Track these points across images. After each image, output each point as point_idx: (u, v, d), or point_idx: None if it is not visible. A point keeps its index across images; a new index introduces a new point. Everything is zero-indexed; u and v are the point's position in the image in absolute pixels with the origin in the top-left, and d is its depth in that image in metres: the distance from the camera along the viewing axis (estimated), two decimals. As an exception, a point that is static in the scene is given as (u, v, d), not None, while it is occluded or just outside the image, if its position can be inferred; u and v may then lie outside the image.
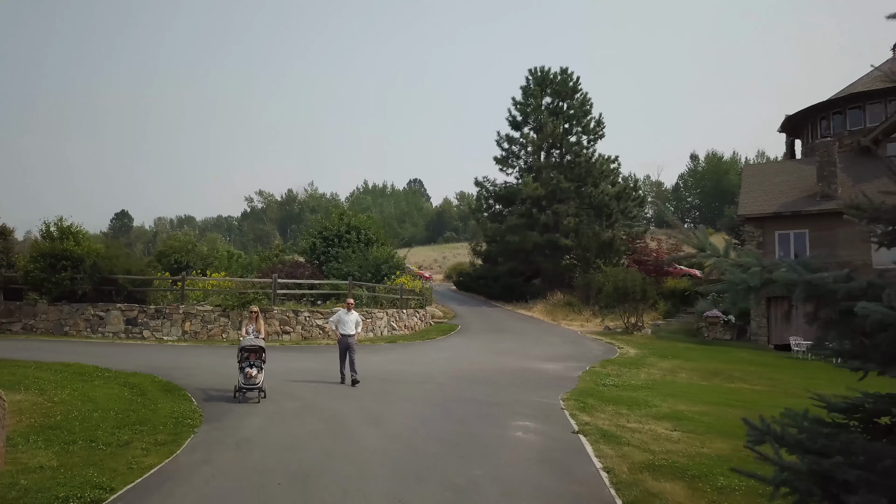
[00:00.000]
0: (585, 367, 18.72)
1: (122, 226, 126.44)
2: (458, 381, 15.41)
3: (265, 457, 8.42)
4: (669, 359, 21.86)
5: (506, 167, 40.67)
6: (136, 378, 13.59)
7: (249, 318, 13.53)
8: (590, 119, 39.61)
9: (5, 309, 22.67)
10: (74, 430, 9.24)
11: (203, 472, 7.72)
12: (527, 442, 9.66)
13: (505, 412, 11.86)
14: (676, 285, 35.62)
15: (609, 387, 15.63)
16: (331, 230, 35.23)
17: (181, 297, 23.51)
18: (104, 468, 7.68)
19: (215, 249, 42.71)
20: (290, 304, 24.39)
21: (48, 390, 11.98)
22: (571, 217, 36.74)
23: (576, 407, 12.69)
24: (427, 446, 9.21)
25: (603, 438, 10.01)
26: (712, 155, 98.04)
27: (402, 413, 11.48)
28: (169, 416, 10.35)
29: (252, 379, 12.01)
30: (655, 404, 13.52)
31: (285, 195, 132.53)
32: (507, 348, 22.94)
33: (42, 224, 23.71)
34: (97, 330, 22.30)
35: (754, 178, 31.36)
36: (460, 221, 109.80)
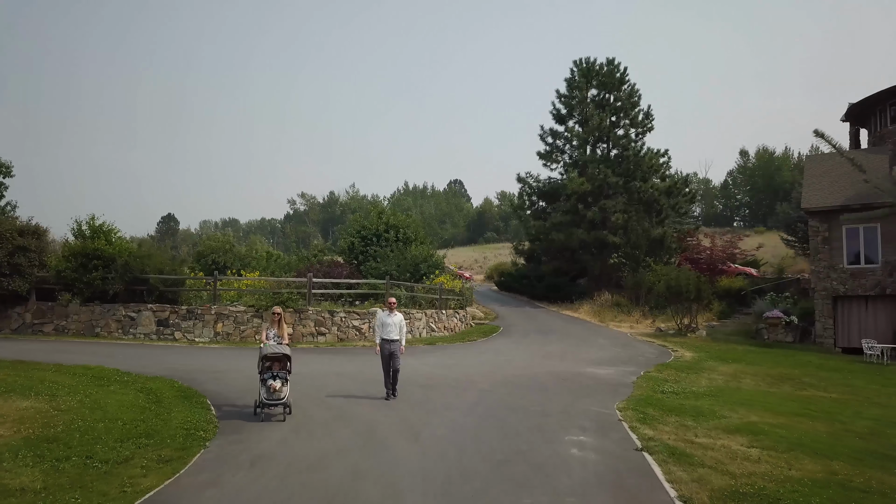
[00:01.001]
0: (640, 372, 17.23)
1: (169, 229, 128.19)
2: (504, 387, 14.09)
3: (283, 478, 7.25)
4: (729, 363, 20.18)
5: (549, 162, 39.08)
6: (156, 383, 12.65)
7: (271, 320, 11.69)
8: (638, 111, 37.79)
9: (38, 310, 22.19)
10: (72, 444, 8.22)
11: (206, 498, 6.58)
12: (584, 461, 8.30)
13: (557, 424, 10.50)
14: (731, 284, 33.61)
15: (668, 394, 14.15)
16: (369, 229, 34.31)
17: (214, 297, 22.74)
18: (93, 492, 6.62)
19: (254, 250, 42.23)
20: (325, 304, 23.40)
21: (59, 396, 11.08)
22: (619, 213, 34.95)
23: (635, 418, 11.29)
24: (471, 466, 7.92)
25: (672, 457, 8.60)
26: (763, 150, 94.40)
27: (443, 425, 10.22)
28: (180, 428, 9.29)
29: (276, 393, 10.29)
30: (724, 415, 12.02)
31: (327, 197, 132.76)
32: (553, 351, 21.52)
33: (74, 223, 23.25)
34: (128, 331, 21.64)
35: (817, 169, 29.25)
36: (501, 221, 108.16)
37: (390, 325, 12.66)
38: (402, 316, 13.03)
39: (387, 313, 12.84)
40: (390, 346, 12.53)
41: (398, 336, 12.69)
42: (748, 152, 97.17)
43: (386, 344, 12.54)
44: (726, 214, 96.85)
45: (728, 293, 33.07)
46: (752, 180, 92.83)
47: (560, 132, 38.99)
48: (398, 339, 12.67)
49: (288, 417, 10.34)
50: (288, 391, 10.49)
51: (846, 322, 25.88)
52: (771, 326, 27.12)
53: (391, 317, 12.76)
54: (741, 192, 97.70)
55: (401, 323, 12.83)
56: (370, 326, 22.84)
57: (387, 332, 12.63)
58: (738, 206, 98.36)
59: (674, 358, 20.88)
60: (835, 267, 26.00)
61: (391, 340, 12.58)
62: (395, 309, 13.00)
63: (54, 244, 24.47)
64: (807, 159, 32.55)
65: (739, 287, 33.33)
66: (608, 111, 37.59)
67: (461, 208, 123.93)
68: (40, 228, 23.39)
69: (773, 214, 76.11)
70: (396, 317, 12.81)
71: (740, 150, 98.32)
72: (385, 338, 12.59)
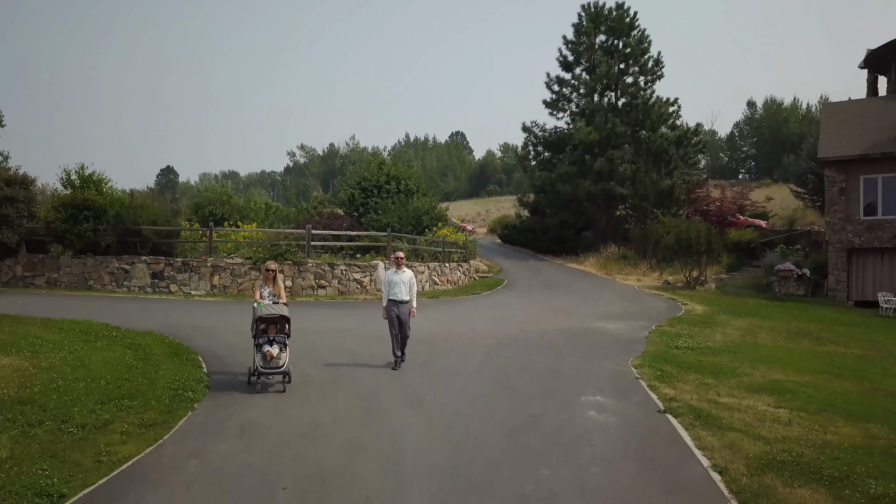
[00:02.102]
0: (651, 327, 16.58)
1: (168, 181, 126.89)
2: (512, 344, 13.41)
3: (274, 450, 6.59)
4: (742, 317, 19.54)
5: (556, 111, 37.76)
6: (145, 339, 11.97)
7: (265, 277, 10.07)
8: (647, 58, 36.31)
9: (28, 262, 21.49)
10: (48, 406, 7.56)
11: (187, 470, 5.92)
12: (605, 426, 7.64)
13: (571, 385, 9.84)
14: (741, 237, 32.80)
15: (684, 350, 13.51)
16: (370, 180, 33.40)
17: (210, 249, 22.00)
18: (65, 461, 5.97)
19: (252, 202, 41.35)
20: (325, 256, 22.68)
21: (41, 353, 10.41)
22: (627, 164, 33.88)
23: (653, 376, 10.65)
24: (480, 435, 7.24)
25: (698, 420, 7.95)
26: (771, 101, 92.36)
27: (448, 388, 9.53)
28: (167, 388, 8.63)
29: (274, 360, 9.04)
30: (745, 372, 11.40)
31: (327, 149, 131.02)
32: (560, 305, 20.86)
33: (63, 172, 22.35)
34: (122, 284, 20.98)
35: (835, 118, 28.12)
36: (504, 174, 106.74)
37: (398, 285, 10.96)
38: (411, 273, 11.26)
39: (393, 270, 11.15)
40: (399, 308, 10.89)
41: (408, 296, 11.00)
42: (756, 103, 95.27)
43: (393, 306, 10.89)
44: (731, 167, 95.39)
45: (737, 246, 32.31)
46: (759, 132, 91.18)
47: (567, 80, 37.67)
48: (408, 301, 10.99)
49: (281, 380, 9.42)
50: (287, 358, 9.21)
51: (860, 275, 25.18)
52: (782, 279, 26.43)
53: (399, 274, 11.05)
54: (747, 145, 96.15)
55: (410, 281, 11.11)
56: (371, 279, 22.17)
57: (394, 292, 10.93)
58: (744, 159, 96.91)
59: (684, 312, 20.23)
60: (850, 219, 25.16)
61: (400, 302, 10.91)
62: (404, 265, 11.28)
63: (44, 195, 23.60)
64: (823, 107, 31.38)
65: (749, 239, 32.55)
66: (617, 58, 36.17)
67: (463, 161, 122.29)
68: (28, 178, 22.52)
69: (780, 167, 74.85)
70: (405, 274, 11.11)
71: (748, 101, 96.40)
72: (393, 299, 10.92)
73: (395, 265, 11.20)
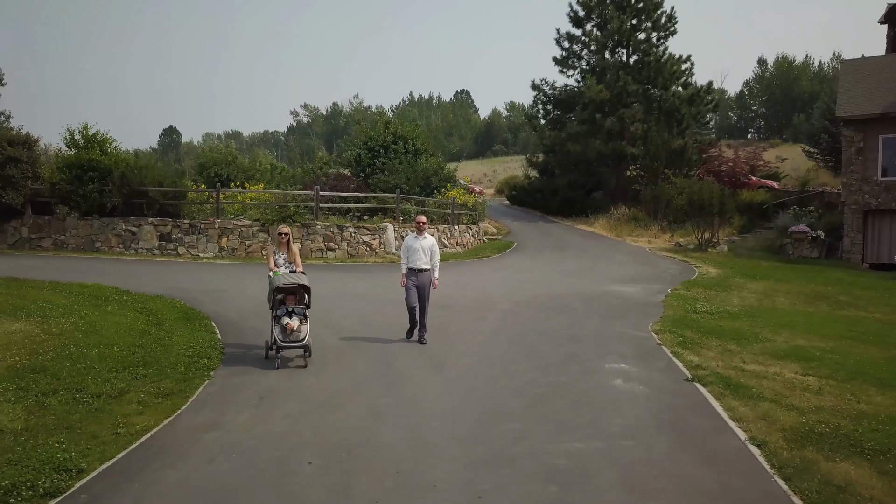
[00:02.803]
0: (667, 290, 16.33)
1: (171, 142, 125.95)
2: (527, 308, 13.20)
3: (294, 420, 6.40)
4: (758, 280, 19.25)
5: (566, 69, 36.83)
6: (156, 303, 11.77)
7: (278, 242, 9.50)
8: (661, 13, 35.25)
9: (34, 224, 21.25)
10: (61, 374, 7.37)
11: (208, 443, 5.74)
12: (632, 395, 7.44)
13: (592, 350, 9.64)
14: (753, 198, 32.28)
15: (702, 314, 13.28)
16: (376, 140, 32.87)
17: (217, 210, 21.71)
18: (81, 433, 5.79)
19: (257, 162, 40.91)
20: (334, 218, 22.38)
21: (51, 318, 10.22)
22: (639, 123, 33.15)
23: (674, 342, 10.42)
24: (504, 403, 7.05)
25: (728, 389, 7.73)
26: (782, 59, 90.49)
27: (467, 353, 9.33)
28: (182, 355, 8.43)
29: (294, 333, 8.37)
30: (767, 337, 11.18)
31: (330, 108, 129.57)
32: (572, 268, 20.60)
33: (66, 132, 21.91)
34: (130, 246, 20.75)
35: (853, 75, 27.38)
36: (510, 134, 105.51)
37: (418, 251, 10.06)
38: (433, 240, 10.40)
39: (413, 236, 10.29)
40: (419, 277, 10.00)
41: (429, 264, 10.11)
42: (766, 61, 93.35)
43: (413, 275, 10.03)
44: (740, 126, 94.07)
45: (749, 207, 31.81)
46: (770, 90, 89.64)
47: (577, 36, 36.68)
48: (428, 269, 10.10)
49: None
50: (308, 330, 8.56)
51: (877, 237, 24.79)
52: (796, 241, 26.07)
53: (420, 240, 10.16)
54: (757, 104, 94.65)
55: (432, 248, 10.22)
56: (381, 242, 21.92)
57: (415, 259, 10.05)
58: (753, 118, 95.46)
59: (698, 274, 19.95)
60: (868, 179, 24.67)
61: (420, 270, 10.01)
62: (426, 230, 10.40)
63: (46, 156, 23.21)
64: (841, 64, 30.60)
65: (761, 200, 32.03)
66: (629, 13, 35.13)
67: (468, 120, 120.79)
68: (31, 138, 22.11)
69: (790, 126, 73.75)
70: (427, 240, 10.23)
71: (758, 59, 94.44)
72: (412, 267, 10.04)
73: (415, 229, 10.42)
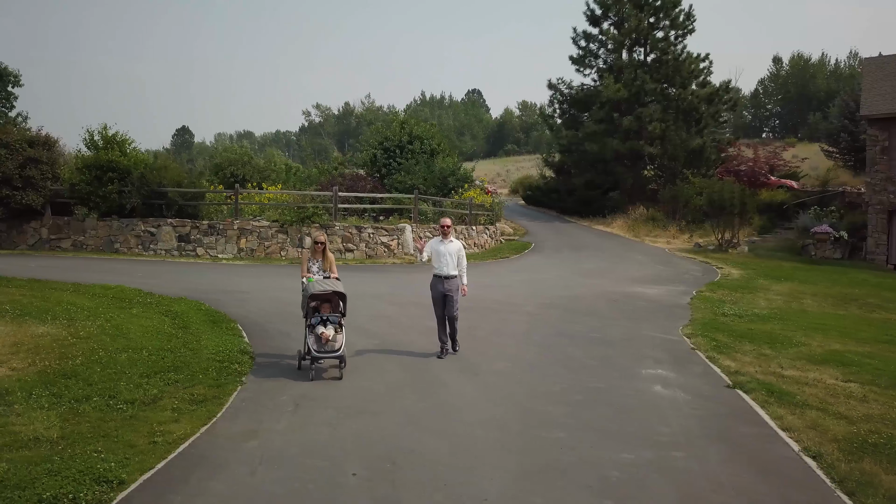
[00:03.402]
0: (691, 292, 16.11)
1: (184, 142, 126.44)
2: (551, 309, 13.01)
3: (333, 427, 6.24)
4: (782, 281, 18.96)
5: (583, 67, 36.55)
6: (180, 305, 11.68)
7: (313, 251, 8.97)
8: (679, 11, 34.89)
9: (54, 225, 21.26)
10: (93, 380, 7.27)
11: (248, 452, 5.59)
12: (675, 402, 7.25)
13: (626, 354, 9.45)
14: (773, 198, 31.90)
15: (731, 317, 13.05)
16: (392, 140, 32.68)
17: (235, 211, 21.65)
18: (118, 442, 5.66)
19: (272, 162, 40.85)
20: (352, 219, 22.28)
21: (77, 321, 10.15)
22: (657, 122, 32.83)
23: (708, 346, 10.22)
24: (545, 410, 6.88)
25: (772, 397, 7.53)
26: (797, 57, 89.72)
27: (499, 357, 9.17)
28: (212, 359, 8.31)
29: (329, 343, 7.93)
30: (801, 342, 10.95)
31: (342, 108, 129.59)
32: (592, 269, 20.39)
33: (85, 133, 21.91)
34: (148, 247, 20.72)
35: (878, 73, 26.99)
36: (522, 133, 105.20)
37: (445, 256, 9.38)
38: (460, 244, 9.67)
39: (438, 240, 9.57)
40: (445, 284, 9.29)
41: (456, 270, 9.43)
42: (782, 59, 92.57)
43: (439, 283, 9.36)
44: (755, 125, 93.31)
45: (769, 207, 31.43)
46: (785, 89, 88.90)
47: (594, 35, 36.40)
48: (455, 275, 9.41)
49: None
50: (343, 340, 8.11)
51: (902, 237, 24.41)
52: (818, 242, 25.71)
53: (445, 244, 9.45)
54: (772, 102, 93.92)
55: (459, 252, 9.51)
56: (399, 243, 21.79)
57: (440, 265, 9.40)
58: (768, 117, 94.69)
59: (721, 276, 19.69)
60: (892, 179, 24.29)
61: (446, 277, 9.33)
62: (451, 234, 9.69)
63: (65, 156, 23.23)
64: (865, 63, 30.14)
65: (781, 200, 31.64)
66: (647, 11, 34.83)
67: (480, 119, 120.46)
68: (51, 139, 22.14)
69: (806, 125, 73.03)
70: (453, 244, 9.49)
71: (773, 58, 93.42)
72: (438, 273, 9.41)
73: (441, 233, 9.67)
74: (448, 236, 9.58)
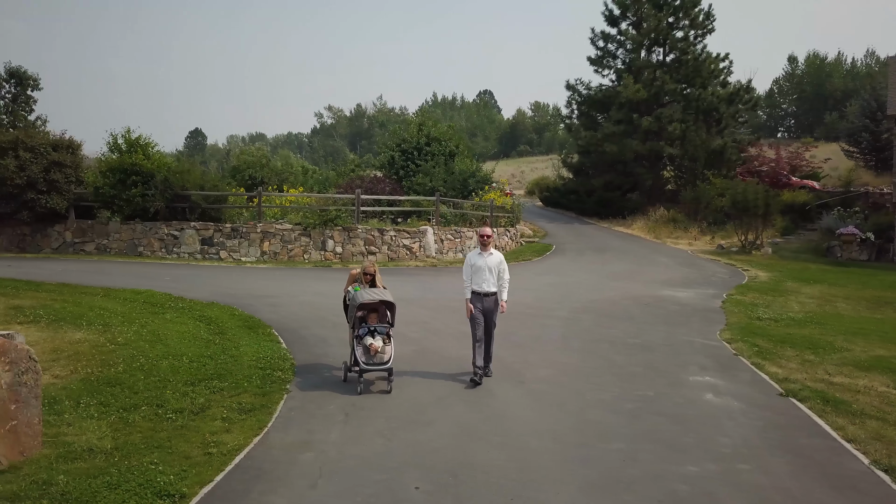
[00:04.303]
0: (722, 295, 15.91)
1: (197, 144, 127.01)
2: (585, 314, 12.85)
3: (386, 438, 6.14)
4: (811, 284, 18.71)
5: (601, 68, 36.36)
6: (213, 310, 11.62)
7: (361, 280, 8.36)
8: (698, 11, 34.65)
9: (78, 228, 21.31)
10: (138, 388, 7.20)
11: (305, 464, 5.49)
12: (729, 412, 7.09)
13: (669, 360, 9.29)
14: (794, 198, 31.53)
15: (767, 321, 12.86)
16: (410, 142, 32.61)
17: (258, 214, 21.62)
18: (173, 453, 5.58)
19: (289, 165, 40.91)
20: (373, 222, 22.20)
21: (113, 326, 10.12)
22: (677, 123, 32.61)
23: (750, 351, 10.05)
24: (600, 420, 6.74)
25: (828, 406, 7.36)
26: (813, 56, 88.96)
27: (542, 364, 9.02)
28: (254, 367, 8.23)
29: (378, 355, 7.59)
30: (843, 347, 10.75)
31: (354, 110, 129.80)
32: (618, 271, 20.19)
33: (109, 136, 21.96)
34: (172, 250, 20.73)
35: (903, 72, 26.63)
36: (535, 134, 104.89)
37: (483, 271, 8.23)
38: (501, 256, 8.50)
39: (477, 251, 8.42)
40: (484, 302, 8.22)
41: (496, 286, 8.32)
42: (797, 58, 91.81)
43: (478, 300, 8.22)
44: (770, 125, 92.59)
45: (791, 208, 31.09)
46: (800, 88, 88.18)
47: (613, 35, 36.21)
48: (495, 292, 8.32)
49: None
50: (392, 352, 7.76)
51: (930, 239, 24.06)
52: (844, 244, 25.37)
53: (485, 257, 8.29)
54: (787, 102, 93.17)
55: (500, 266, 8.37)
56: (420, 245, 21.69)
57: (479, 280, 8.23)
58: (783, 117, 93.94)
59: (748, 279, 19.45)
60: (920, 179, 23.96)
61: (486, 294, 8.23)
62: (491, 245, 8.48)
63: (87, 160, 23.31)
64: (890, 61, 29.74)
65: (803, 201, 31.27)
66: (666, 11, 34.60)
67: (492, 120, 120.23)
68: (74, 142, 22.21)
69: (822, 124, 72.34)
70: (493, 257, 8.34)
71: (788, 57, 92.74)
72: (478, 290, 8.23)
73: (479, 243, 8.42)
74: (488, 248, 8.35)
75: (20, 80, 34.85)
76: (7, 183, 19.66)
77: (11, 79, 33.57)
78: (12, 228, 20.96)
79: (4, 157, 19.93)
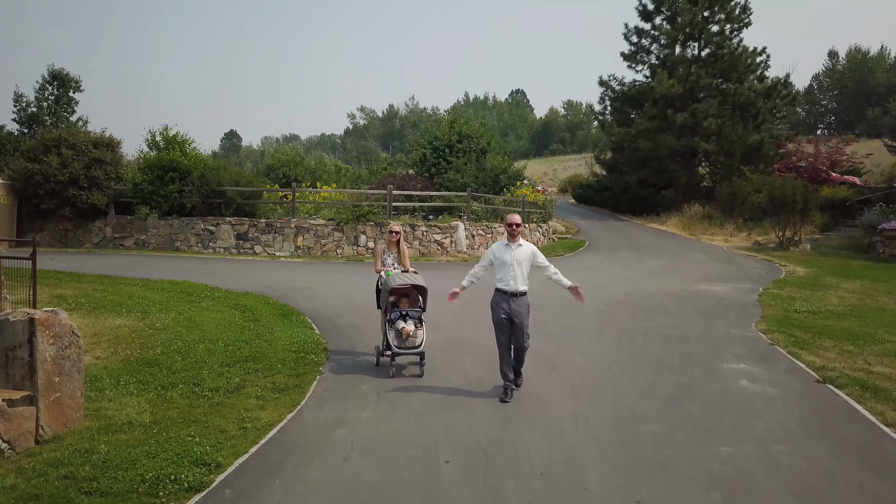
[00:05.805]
0: (758, 289, 15.63)
1: (232, 145, 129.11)
2: (621, 307, 12.76)
3: (420, 418, 6.17)
4: (851, 279, 18.27)
5: (634, 64, 36.00)
6: (248, 299, 11.81)
7: (388, 242, 8.68)
8: (734, 4, 34.12)
9: (117, 224, 21.84)
10: (175, 368, 7.37)
11: (338, 440, 5.56)
12: (766, 398, 6.97)
13: (705, 350, 9.17)
14: (834, 194, 30.83)
15: (805, 314, 12.59)
16: (441, 140, 32.71)
17: (292, 210, 21.90)
18: (209, 427, 5.69)
19: (323, 164, 41.42)
20: (405, 217, 22.33)
21: (151, 313, 10.34)
22: (712, 118, 32.14)
23: (787, 342, 9.86)
24: (634, 405, 6.68)
25: (867, 392, 7.18)
26: (855, 51, 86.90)
27: (577, 352, 8.99)
28: (288, 350, 8.35)
29: (410, 339, 7.54)
30: (884, 338, 10.48)
31: (386, 111, 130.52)
32: (653, 267, 19.98)
33: (147, 133, 22.48)
34: (208, 245, 21.11)
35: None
36: (567, 132, 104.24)
37: (510, 266, 6.89)
38: (532, 247, 7.20)
39: (504, 243, 7.09)
40: (511, 304, 6.87)
41: (526, 285, 6.99)
42: (838, 53, 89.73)
43: (502, 301, 6.91)
44: (809, 121, 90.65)
45: (830, 204, 30.38)
46: (841, 84, 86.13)
47: (646, 30, 35.83)
48: (525, 291, 6.98)
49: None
50: (424, 336, 7.71)
51: (977, 235, 23.34)
52: (887, 239, 24.73)
53: (513, 249, 6.96)
54: (827, 98, 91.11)
55: (532, 259, 7.08)
56: (452, 241, 21.73)
57: (506, 277, 6.92)
58: (823, 113, 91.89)
59: (786, 274, 19.10)
60: (967, 174, 23.24)
61: (514, 294, 6.88)
62: (520, 236, 7.14)
63: (126, 158, 23.90)
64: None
65: (843, 197, 30.55)
66: (701, 5, 34.11)
67: (525, 119, 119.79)
68: (114, 140, 22.78)
69: (864, 121, 70.59)
70: (522, 250, 6.99)
71: (829, 52, 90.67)
72: (502, 288, 6.93)
73: (507, 233, 7.10)
74: (516, 238, 7.02)
75: (63, 83, 35.71)
76: (50, 179, 20.25)
77: (54, 81, 34.45)
78: (55, 224, 21.55)
79: (48, 154, 20.53)
